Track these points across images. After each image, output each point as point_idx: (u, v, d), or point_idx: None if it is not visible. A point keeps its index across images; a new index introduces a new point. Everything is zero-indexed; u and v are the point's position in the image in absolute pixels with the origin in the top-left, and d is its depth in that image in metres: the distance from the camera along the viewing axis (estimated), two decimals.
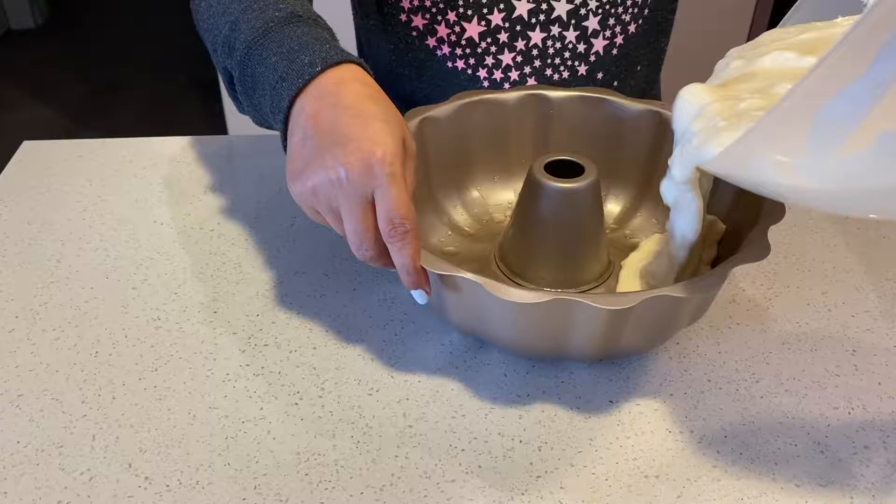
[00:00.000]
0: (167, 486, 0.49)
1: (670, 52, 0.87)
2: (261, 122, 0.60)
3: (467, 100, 0.65)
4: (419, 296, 0.53)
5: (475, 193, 0.69)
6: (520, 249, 0.60)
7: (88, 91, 2.51)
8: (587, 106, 0.67)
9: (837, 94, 0.37)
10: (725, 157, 0.44)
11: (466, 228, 0.67)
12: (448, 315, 0.55)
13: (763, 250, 0.50)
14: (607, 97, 0.66)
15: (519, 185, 0.60)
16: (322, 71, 0.52)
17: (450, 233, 0.66)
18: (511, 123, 0.67)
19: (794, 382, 0.56)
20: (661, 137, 0.65)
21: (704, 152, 0.47)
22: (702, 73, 0.55)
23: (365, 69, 0.54)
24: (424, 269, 0.51)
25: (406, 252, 0.49)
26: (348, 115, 0.50)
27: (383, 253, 0.51)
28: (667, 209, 0.55)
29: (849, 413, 0.54)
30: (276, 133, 0.56)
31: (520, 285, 0.59)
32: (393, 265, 0.51)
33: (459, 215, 0.68)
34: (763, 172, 0.42)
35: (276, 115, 0.54)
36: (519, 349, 0.55)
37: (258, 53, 0.55)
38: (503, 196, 0.69)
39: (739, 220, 0.58)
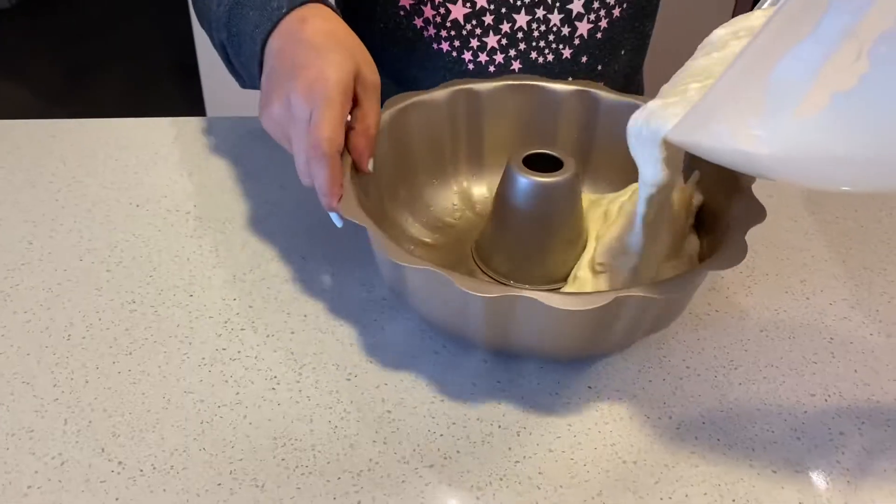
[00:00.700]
0: (141, 470, 0.48)
1: (655, 38, 0.87)
2: (257, 84, 0.60)
3: (401, 104, 0.63)
4: (335, 218, 0.54)
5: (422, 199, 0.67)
6: (496, 244, 0.59)
7: (64, 73, 2.47)
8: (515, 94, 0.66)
9: (787, 53, 0.36)
10: (684, 125, 0.44)
11: (427, 239, 0.65)
12: (418, 306, 0.54)
13: (739, 253, 0.49)
14: (536, 83, 0.66)
15: (457, 187, 0.59)
16: (287, 12, 0.56)
17: (412, 247, 0.64)
18: (444, 124, 0.66)
19: (771, 369, 0.56)
20: (592, 116, 0.66)
21: (660, 127, 0.46)
22: (686, 60, 0.55)
23: (330, 6, 0.58)
24: (339, 194, 0.52)
25: (322, 175, 0.51)
26: (305, 48, 0.53)
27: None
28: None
29: (825, 400, 0.54)
30: (253, 116, 0.58)
31: (493, 280, 0.58)
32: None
33: (412, 227, 0.65)
34: (721, 139, 0.42)
35: (253, 60, 0.58)
36: (489, 346, 0.55)
37: (238, 11, 0.59)
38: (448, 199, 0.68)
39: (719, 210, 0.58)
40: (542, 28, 0.75)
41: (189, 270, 0.62)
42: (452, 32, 0.75)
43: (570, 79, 0.79)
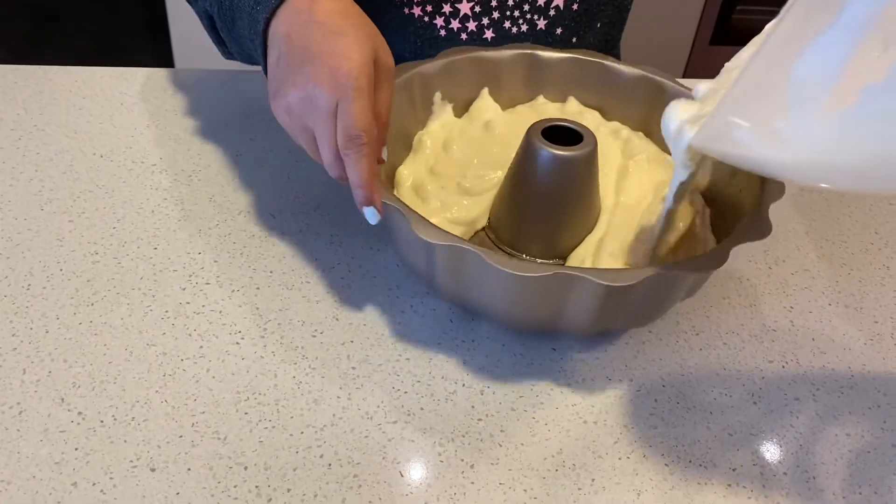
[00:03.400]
0: (101, 421, 0.48)
1: (634, 12, 0.86)
2: (246, 58, 0.59)
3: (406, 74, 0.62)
4: (370, 214, 0.50)
5: None
6: (508, 214, 0.58)
7: (28, 25, 2.39)
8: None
9: (810, 44, 0.34)
10: (706, 132, 0.42)
11: None
12: (401, 252, 0.54)
13: (764, 230, 0.50)
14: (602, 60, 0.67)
15: None
16: None
17: None
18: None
19: (732, 336, 0.57)
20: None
21: (686, 136, 0.45)
22: (662, 37, 0.55)
23: None
24: (378, 188, 0.50)
25: (359, 166, 0.48)
26: (320, 31, 0.50)
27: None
28: None
29: (783, 367, 0.55)
30: (223, 69, 0.55)
31: (510, 254, 0.58)
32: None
33: None
34: (746, 144, 0.39)
35: (254, 41, 0.54)
36: (512, 321, 0.55)
37: None
38: None
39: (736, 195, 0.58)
40: None
41: (154, 223, 0.62)
42: None
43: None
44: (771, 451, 0.50)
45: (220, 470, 0.46)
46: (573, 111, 0.66)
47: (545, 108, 0.67)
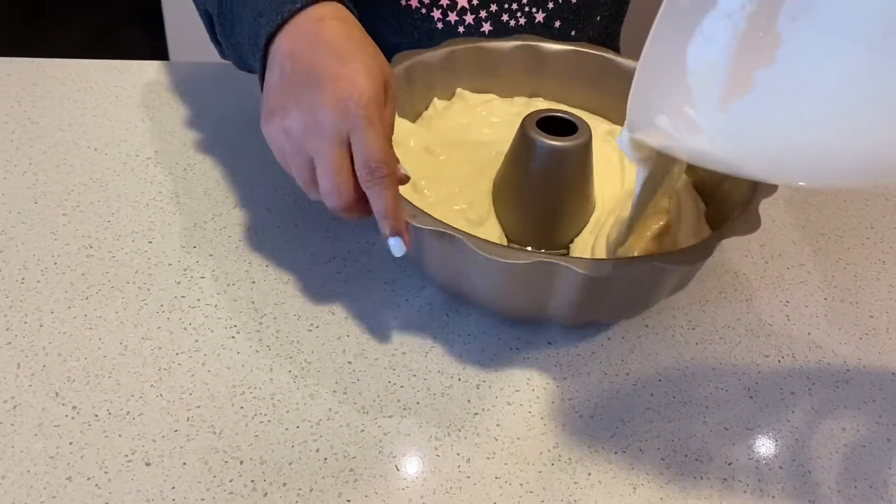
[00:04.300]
0: (96, 415, 0.47)
1: (634, 5, 0.86)
2: (242, 65, 0.58)
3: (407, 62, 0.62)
4: (396, 245, 0.48)
5: None
6: (504, 205, 0.58)
7: (21, 17, 2.38)
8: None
9: (695, 33, 0.33)
10: (629, 120, 0.41)
11: None
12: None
13: (753, 224, 0.50)
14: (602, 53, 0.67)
15: None
16: (302, 8, 0.49)
17: None
18: None
19: (728, 330, 0.57)
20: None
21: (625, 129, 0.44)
22: None
23: (346, 6, 0.52)
24: (403, 217, 0.48)
25: (386, 196, 0.47)
26: (326, 54, 0.48)
27: (358, 200, 0.48)
28: None
29: (779, 361, 0.55)
30: (218, 62, 0.54)
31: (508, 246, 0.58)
32: (366, 214, 0.49)
33: None
34: (668, 133, 0.38)
35: (254, 53, 0.52)
36: (499, 308, 0.55)
37: None
38: None
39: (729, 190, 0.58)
40: None
41: (148, 216, 0.61)
42: None
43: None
44: (767, 446, 0.50)
45: (215, 464, 0.46)
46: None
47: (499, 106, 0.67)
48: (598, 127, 0.64)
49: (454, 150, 0.61)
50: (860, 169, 0.35)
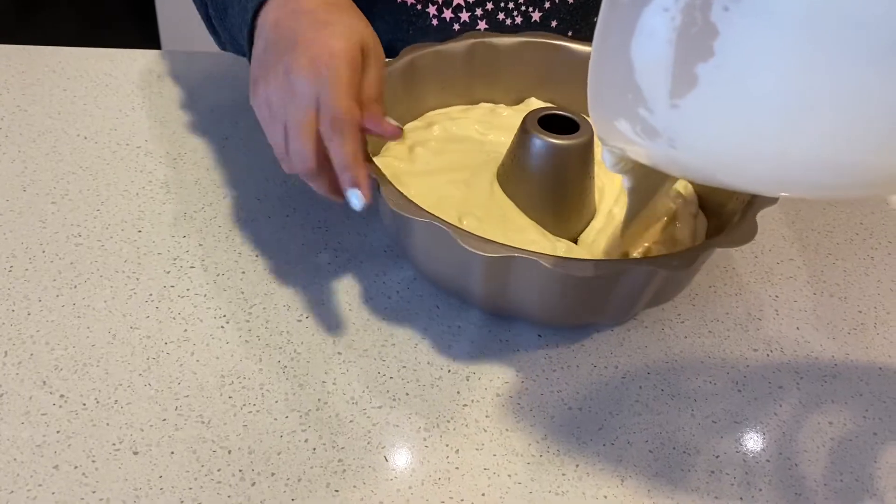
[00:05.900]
0: (84, 404, 0.47)
1: None
2: (238, 49, 0.58)
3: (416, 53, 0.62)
4: (355, 198, 0.47)
5: None
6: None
7: (12, 4, 2.36)
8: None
9: (636, 29, 0.33)
10: (595, 126, 0.40)
11: None
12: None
13: (749, 233, 0.50)
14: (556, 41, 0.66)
15: None
16: None
17: None
18: None
19: (717, 324, 0.57)
20: None
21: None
22: None
23: None
24: (365, 170, 0.48)
25: (343, 149, 0.46)
26: (306, 21, 0.48)
27: (324, 166, 0.48)
28: None
29: (767, 355, 0.56)
30: (210, 52, 0.55)
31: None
32: (334, 188, 0.49)
33: None
34: (630, 139, 0.37)
35: (242, 30, 0.53)
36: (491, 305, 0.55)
37: None
38: None
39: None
40: None
41: (138, 205, 0.61)
42: None
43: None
44: (754, 439, 0.50)
45: (203, 454, 0.45)
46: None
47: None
48: None
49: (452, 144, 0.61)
50: (822, 178, 0.33)
